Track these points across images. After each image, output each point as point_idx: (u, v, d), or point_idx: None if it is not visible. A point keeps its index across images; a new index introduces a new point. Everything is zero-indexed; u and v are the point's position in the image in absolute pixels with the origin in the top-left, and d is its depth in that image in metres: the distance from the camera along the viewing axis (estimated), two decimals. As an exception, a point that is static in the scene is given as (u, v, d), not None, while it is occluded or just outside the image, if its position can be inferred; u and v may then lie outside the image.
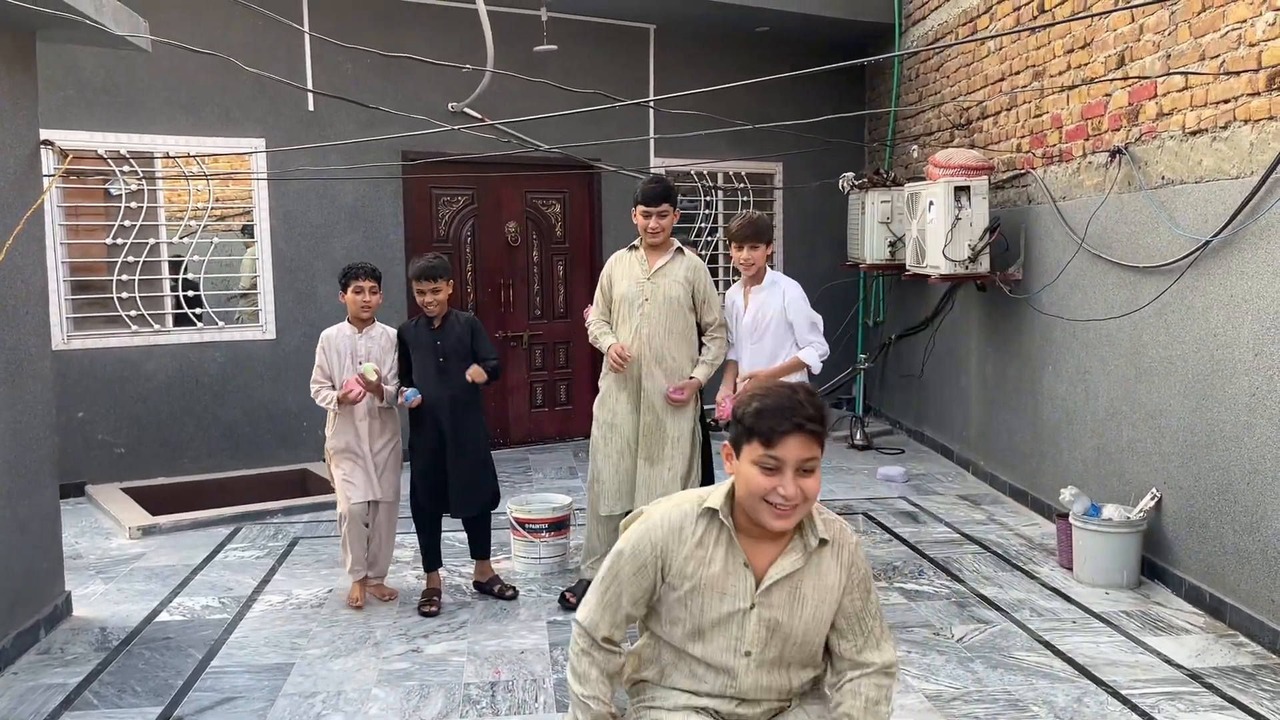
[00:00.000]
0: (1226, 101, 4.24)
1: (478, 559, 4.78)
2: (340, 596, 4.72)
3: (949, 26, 7.18)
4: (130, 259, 6.60)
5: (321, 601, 4.68)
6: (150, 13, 4.66)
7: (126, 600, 4.72)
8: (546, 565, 5.01)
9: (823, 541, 2.11)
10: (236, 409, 6.95)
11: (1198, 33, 4.44)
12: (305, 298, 7.08)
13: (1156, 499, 4.74)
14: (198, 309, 6.86)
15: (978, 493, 6.52)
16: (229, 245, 7.17)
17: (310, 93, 6.77)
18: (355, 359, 4.50)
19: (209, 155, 6.75)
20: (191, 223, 6.80)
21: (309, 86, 6.74)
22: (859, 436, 7.86)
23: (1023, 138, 6.13)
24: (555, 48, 7.31)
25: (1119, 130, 5.07)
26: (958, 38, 7.00)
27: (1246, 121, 4.13)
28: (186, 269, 6.82)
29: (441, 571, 4.78)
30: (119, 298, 6.59)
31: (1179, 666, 3.88)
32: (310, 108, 6.96)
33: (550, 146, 7.09)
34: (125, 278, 6.60)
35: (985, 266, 6.04)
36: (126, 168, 6.56)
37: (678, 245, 4.57)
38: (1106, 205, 5.14)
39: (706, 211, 8.65)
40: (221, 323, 6.96)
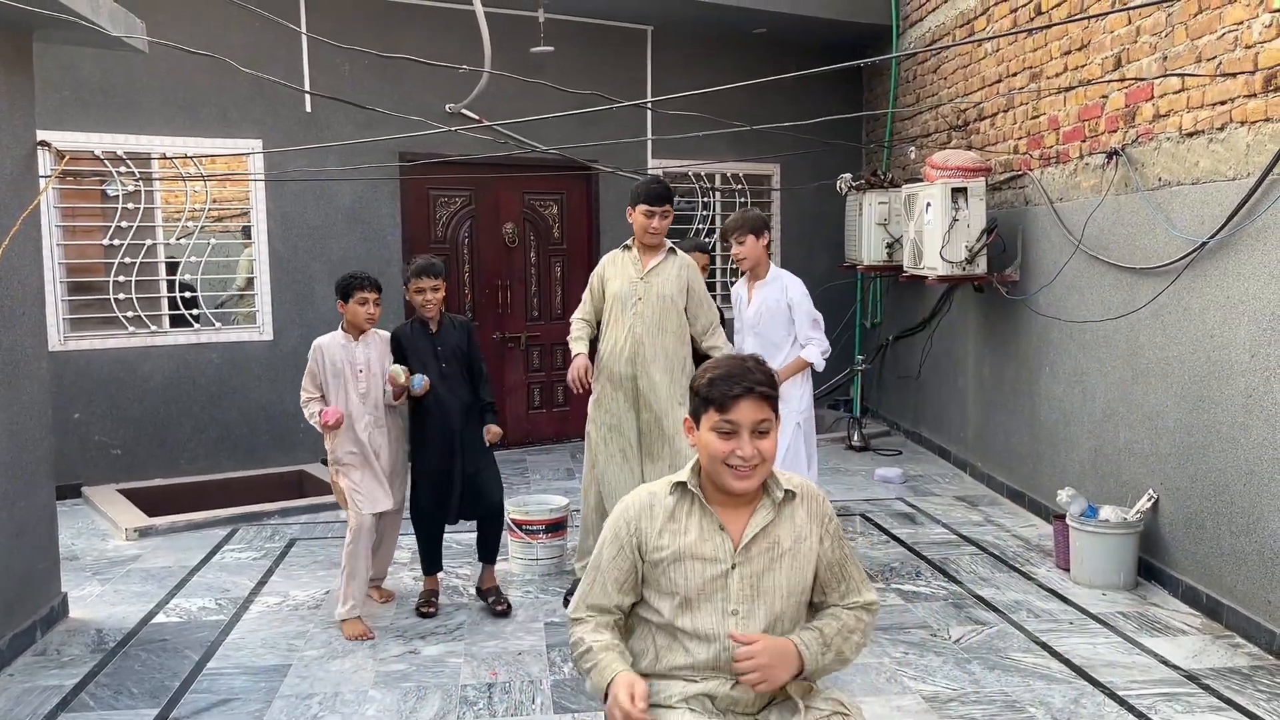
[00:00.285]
0: (1223, 103, 4.25)
1: (484, 563, 4.66)
2: (338, 598, 4.70)
3: (946, 28, 7.19)
4: (127, 260, 6.60)
5: (318, 603, 4.68)
6: (147, 13, 4.65)
7: (123, 602, 4.71)
8: (544, 566, 5.01)
9: (789, 494, 2.23)
10: (233, 410, 6.94)
11: (1194, 34, 4.44)
12: (302, 299, 7.08)
13: (1153, 500, 4.75)
14: (194, 310, 6.85)
15: (975, 494, 6.52)
16: (226, 246, 7.16)
17: (308, 94, 6.77)
18: (354, 368, 4.36)
19: (206, 156, 6.75)
20: (188, 224, 6.79)
21: (306, 88, 6.73)
22: (856, 438, 7.87)
23: (1020, 139, 6.14)
24: (552, 49, 7.31)
25: (1116, 132, 5.08)
26: (955, 39, 7.01)
27: (1243, 123, 4.13)
28: (184, 270, 6.81)
29: (440, 574, 4.75)
30: (116, 299, 6.58)
31: (1176, 667, 3.89)
32: (308, 109, 6.96)
33: (548, 148, 7.10)
34: (122, 279, 6.60)
35: (982, 268, 6.04)
36: (123, 169, 6.55)
37: (670, 245, 4.59)
38: (1103, 207, 5.14)
39: (704, 213, 8.66)
40: (218, 324, 6.95)
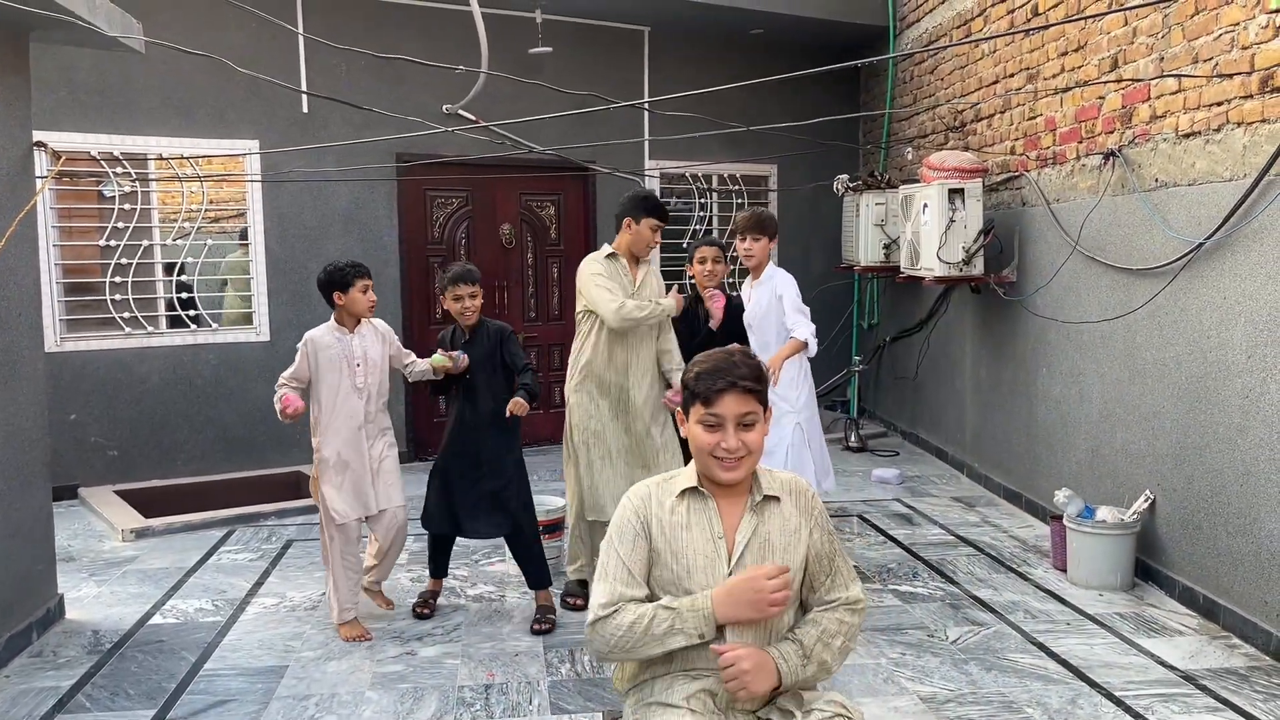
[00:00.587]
0: (1219, 104, 4.26)
1: (534, 589, 4.45)
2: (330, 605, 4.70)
3: (943, 29, 7.19)
4: (124, 261, 6.59)
5: (315, 604, 4.67)
6: (144, 14, 4.65)
7: (119, 603, 4.71)
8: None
9: (768, 497, 2.26)
10: (230, 411, 6.93)
11: (1191, 36, 4.45)
12: (299, 300, 7.07)
13: (1150, 501, 4.75)
14: (191, 311, 6.84)
15: (972, 495, 6.52)
16: (223, 247, 7.15)
17: (304, 94, 6.76)
18: (351, 362, 4.20)
19: (203, 157, 6.74)
20: (185, 225, 6.79)
21: (303, 88, 6.73)
22: (853, 439, 7.87)
23: (1017, 140, 6.15)
24: (550, 50, 7.31)
25: (1112, 133, 5.09)
26: (952, 40, 7.02)
27: (1239, 124, 4.14)
28: (181, 270, 6.81)
29: (444, 579, 4.66)
30: (112, 300, 6.57)
31: (1172, 668, 3.89)
32: (304, 109, 6.95)
33: (545, 148, 7.09)
34: (119, 279, 6.59)
35: (979, 269, 6.05)
36: (120, 169, 6.54)
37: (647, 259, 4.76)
38: (1100, 207, 5.15)
39: (701, 214, 8.66)
40: (215, 325, 6.95)
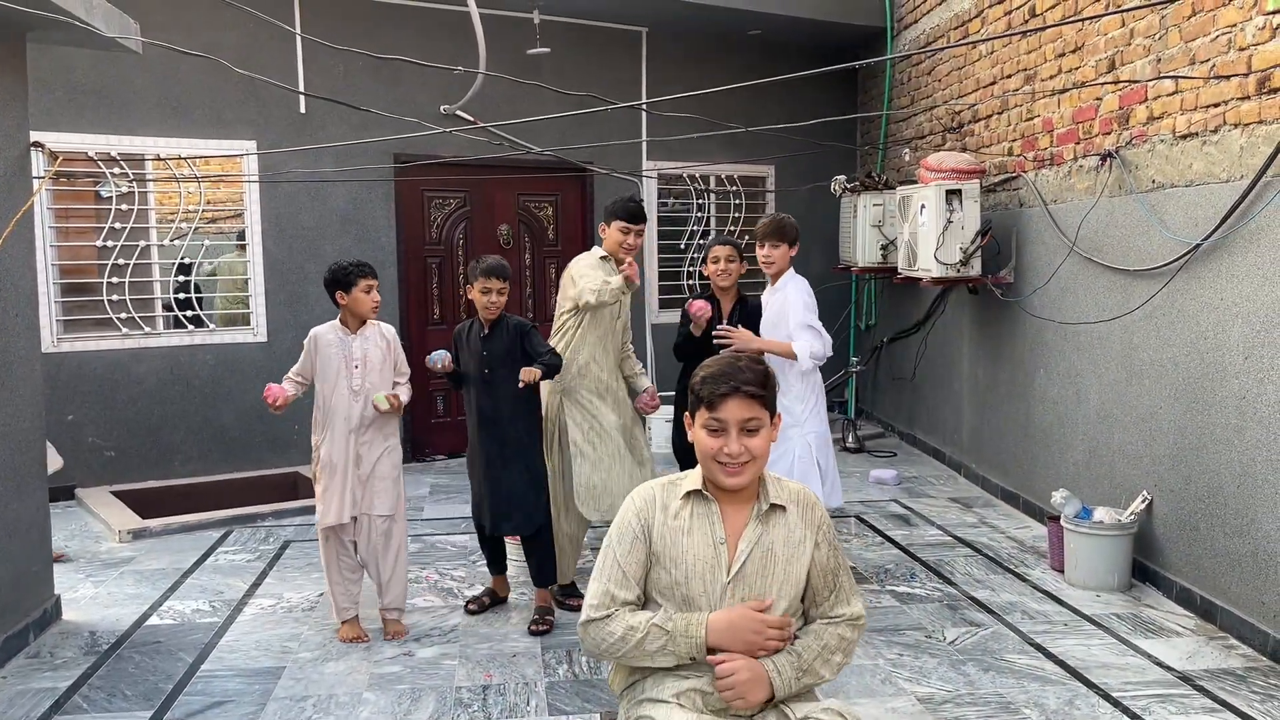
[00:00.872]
0: (1216, 105, 4.26)
1: (536, 586, 4.46)
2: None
3: (941, 30, 7.20)
4: (121, 261, 6.58)
5: (313, 605, 4.67)
6: (141, 14, 4.64)
7: (116, 604, 4.70)
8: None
9: (774, 506, 2.24)
10: (227, 412, 6.92)
11: (1188, 37, 4.46)
12: (297, 300, 7.07)
13: (1147, 502, 4.76)
14: (189, 311, 6.84)
15: (969, 495, 6.53)
16: (221, 248, 7.15)
17: (302, 95, 6.76)
18: (350, 363, 4.14)
19: (200, 157, 6.74)
20: (183, 225, 6.78)
21: (300, 89, 6.72)
22: (851, 439, 7.87)
23: (1014, 141, 6.15)
24: (548, 50, 7.31)
25: (1110, 134, 5.09)
26: (949, 41, 7.02)
27: (1236, 125, 4.14)
28: (178, 271, 6.80)
29: (504, 575, 4.69)
30: (109, 300, 6.57)
31: (1170, 669, 3.89)
32: (302, 110, 6.95)
33: (542, 149, 7.10)
34: (116, 280, 6.58)
35: (977, 269, 6.05)
36: (117, 170, 6.54)
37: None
38: (1097, 208, 5.15)
39: (699, 215, 8.66)
40: (212, 325, 6.94)
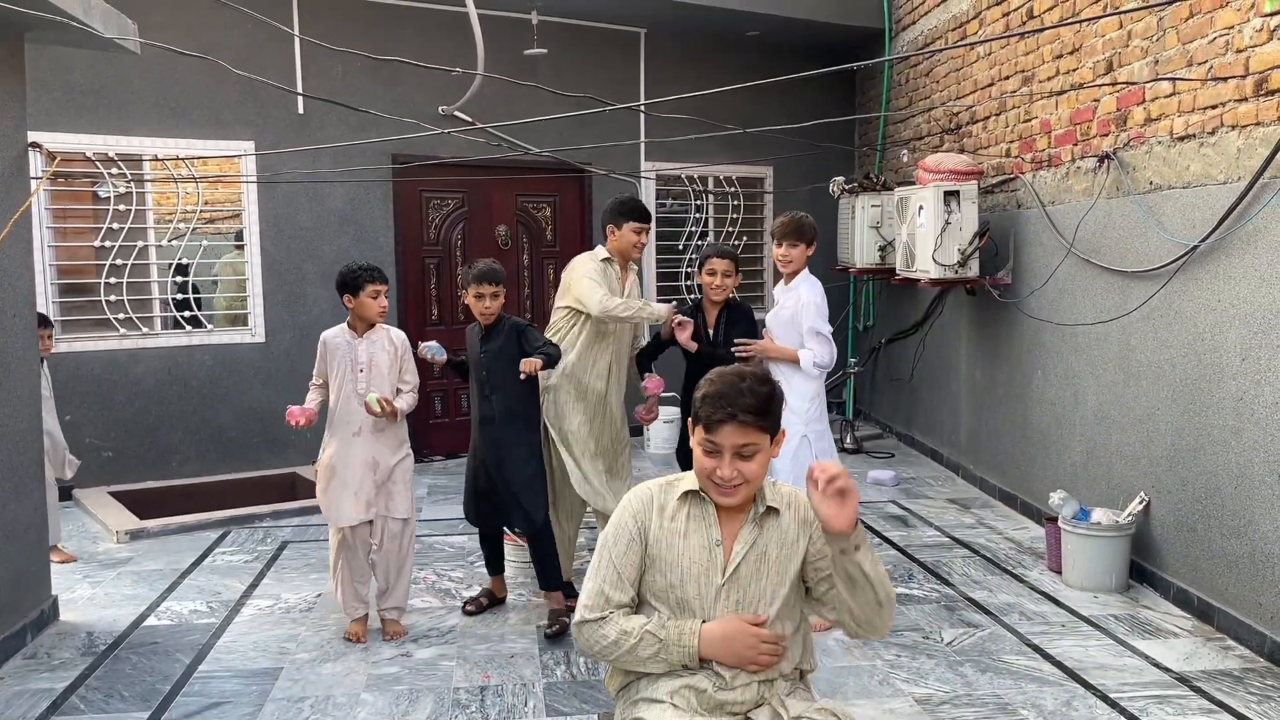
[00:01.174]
0: (1214, 107, 4.27)
1: (544, 590, 4.45)
2: (330, 599, 4.70)
3: (939, 31, 7.20)
4: (119, 262, 6.58)
5: (310, 606, 4.67)
6: (139, 15, 4.64)
7: (114, 604, 4.70)
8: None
9: (770, 509, 2.23)
10: (225, 412, 6.92)
11: (1185, 39, 4.46)
12: (295, 301, 7.06)
13: (1145, 503, 4.76)
14: (187, 312, 6.84)
15: (967, 496, 6.53)
16: (219, 248, 7.15)
17: (300, 96, 6.76)
18: (355, 366, 4.13)
19: (198, 158, 6.73)
20: (180, 225, 6.78)
21: (299, 89, 6.72)
22: (849, 440, 7.87)
23: (1012, 143, 6.16)
24: (545, 51, 7.31)
25: (1107, 135, 5.10)
26: (947, 43, 7.03)
27: (1234, 127, 4.15)
28: (176, 271, 6.79)
29: (499, 576, 4.69)
30: (107, 300, 6.56)
31: (1167, 670, 3.90)
32: (300, 111, 6.94)
33: (541, 150, 7.10)
34: (113, 280, 6.58)
35: (974, 271, 6.05)
36: (115, 170, 6.53)
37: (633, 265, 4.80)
38: (1095, 210, 5.16)
39: (697, 215, 8.66)
40: (210, 325, 6.94)
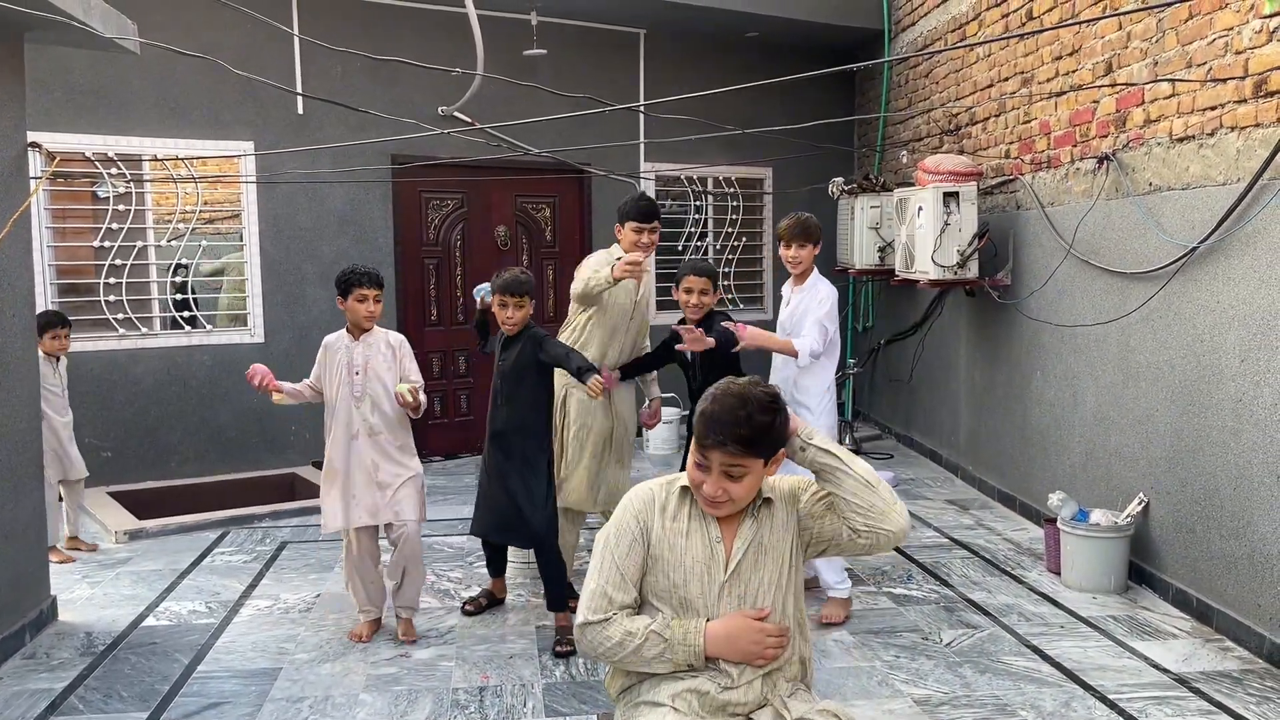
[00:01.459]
0: (1213, 108, 4.27)
1: (551, 610, 4.32)
2: (329, 600, 4.70)
3: (938, 33, 7.21)
4: (118, 262, 6.58)
5: (309, 606, 4.66)
6: (139, 15, 4.64)
7: (113, 605, 4.69)
8: (535, 569, 4.98)
9: (766, 500, 2.25)
10: (224, 412, 6.92)
11: (1185, 40, 4.46)
12: (294, 301, 7.06)
13: (1144, 504, 4.76)
14: (186, 312, 6.83)
15: (966, 497, 6.53)
16: (218, 249, 7.14)
17: (299, 96, 6.76)
18: (352, 369, 4.12)
19: (197, 158, 6.73)
20: (180, 226, 6.78)
21: (298, 90, 6.72)
22: (848, 441, 7.87)
23: (1011, 144, 6.16)
24: (545, 52, 7.32)
25: (1107, 137, 5.10)
26: (947, 44, 7.03)
27: (1233, 128, 4.15)
28: (175, 271, 6.79)
29: (500, 578, 4.70)
30: (106, 300, 6.56)
31: (1166, 671, 3.90)
32: (299, 111, 6.95)
33: (540, 150, 7.10)
34: (113, 280, 6.58)
35: (974, 272, 6.06)
36: (114, 170, 6.53)
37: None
38: (1094, 211, 5.16)
39: (696, 216, 8.66)
40: (209, 326, 6.94)
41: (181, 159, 6.68)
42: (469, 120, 7.13)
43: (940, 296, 7.18)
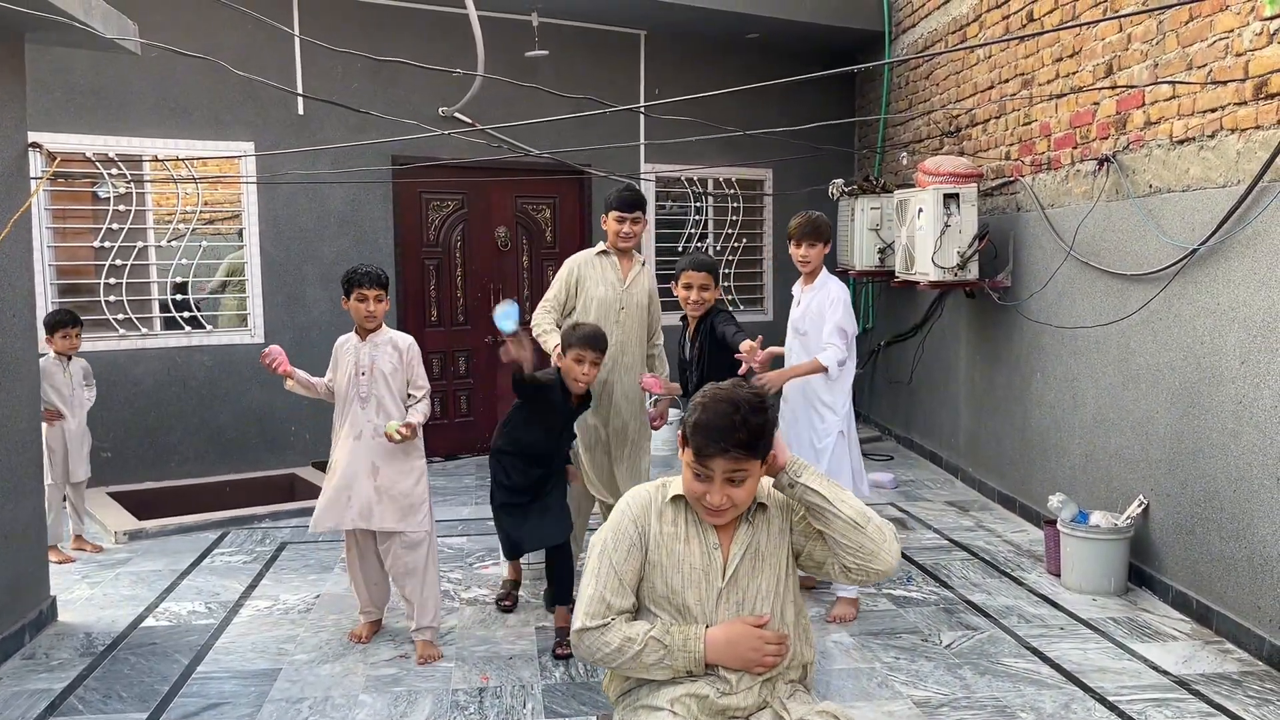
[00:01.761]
0: (1213, 110, 4.27)
1: (557, 604, 4.31)
2: (329, 600, 4.70)
3: (939, 34, 7.21)
4: (118, 262, 6.58)
5: (309, 607, 4.66)
6: (139, 15, 4.64)
7: (112, 605, 4.69)
8: (534, 571, 4.98)
9: (760, 505, 2.26)
10: (224, 413, 6.92)
11: (1185, 42, 4.47)
12: (294, 301, 7.06)
13: (1144, 506, 4.76)
14: (186, 312, 6.83)
15: (966, 499, 6.53)
16: (218, 249, 7.14)
17: (300, 96, 6.76)
18: (359, 369, 4.07)
19: (198, 159, 6.73)
20: (180, 226, 6.78)
21: (298, 90, 6.72)
22: (848, 442, 7.87)
23: (1011, 145, 6.16)
24: (546, 53, 7.32)
25: (1107, 139, 5.10)
26: (947, 45, 7.03)
27: (1233, 130, 4.15)
28: (177, 271, 6.79)
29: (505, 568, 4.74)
30: (106, 301, 6.56)
31: (1166, 673, 3.90)
32: (300, 111, 6.95)
33: (540, 151, 7.10)
34: (113, 281, 6.58)
35: (974, 273, 6.06)
36: (115, 171, 6.53)
37: (641, 257, 4.74)
38: (1094, 213, 5.16)
39: (696, 217, 8.67)
40: (209, 326, 6.94)
41: (182, 159, 6.68)
42: (469, 121, 7.13)
43: (940, 298, 7.18)
